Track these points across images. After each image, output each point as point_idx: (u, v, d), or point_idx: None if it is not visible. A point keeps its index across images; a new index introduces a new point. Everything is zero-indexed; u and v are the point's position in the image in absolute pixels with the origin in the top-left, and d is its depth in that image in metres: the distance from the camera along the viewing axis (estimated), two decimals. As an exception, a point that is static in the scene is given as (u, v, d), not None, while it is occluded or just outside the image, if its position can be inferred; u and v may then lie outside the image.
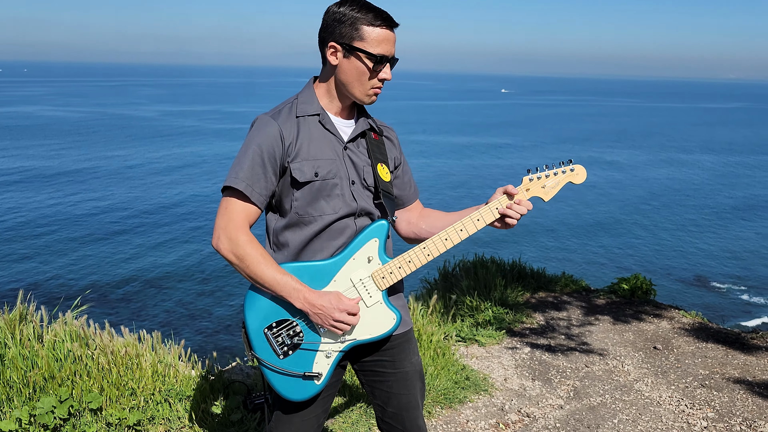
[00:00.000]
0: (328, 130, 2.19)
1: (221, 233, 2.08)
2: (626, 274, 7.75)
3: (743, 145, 61.71)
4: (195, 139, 53.99)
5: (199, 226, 25.68)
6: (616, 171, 44.16)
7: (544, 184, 2.28)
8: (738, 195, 37.06)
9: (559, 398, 4.59)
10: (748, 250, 25.83)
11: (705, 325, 6.21)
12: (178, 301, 17.78)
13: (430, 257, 2.24)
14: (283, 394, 2.17)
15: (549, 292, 7.06)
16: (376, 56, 2.09)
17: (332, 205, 2.16)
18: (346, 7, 2.09)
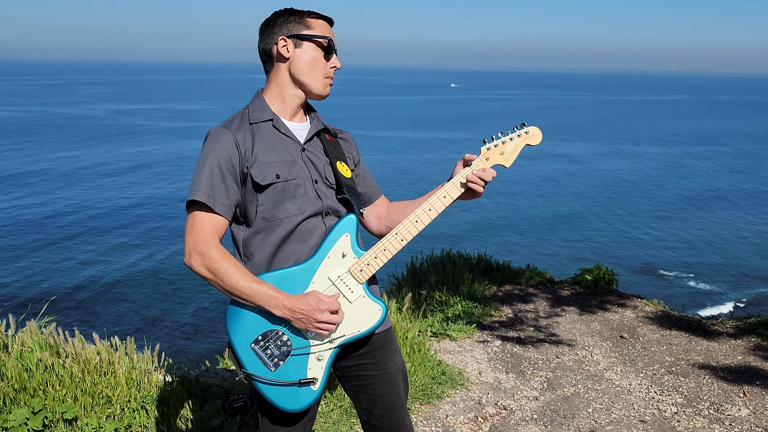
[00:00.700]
0: (283, 134, 2.21)
1: (191, 250, 2.05)
2: (588, 264, 7.91)
3: (688, 135, 63.55)
4: (146, 139, 52.84)
5: (155, 227, 25.19)
6: (570, 163, 44.99)
7: (503, 151, 2.28)
8: (688, 185, 38.16)
9: (534, 390, 4.66)
10: (700, 238, 26.64)
11: (667, 313, 6.39)
12: (142, 305, 17.43)
13: (404, 242, 2.21)
14: (281, 407, 2.12)
15: (515, 284, 7.16)
16: (326, 37, 2.19)
17: (297, 204, 2.15)
18: (285, 12, 2.21)
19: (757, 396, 4.55)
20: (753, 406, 4.39)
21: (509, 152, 2.28)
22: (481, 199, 18.76)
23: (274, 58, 2.21)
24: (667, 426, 4.13)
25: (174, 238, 23.49)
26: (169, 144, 49.96)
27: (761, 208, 32.36)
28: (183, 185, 33.32)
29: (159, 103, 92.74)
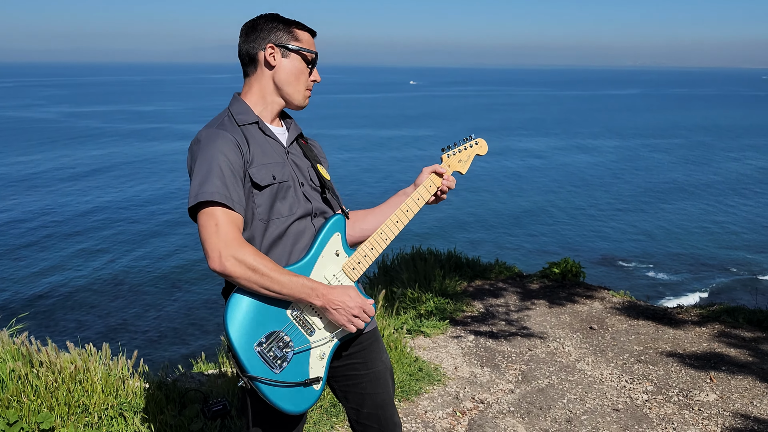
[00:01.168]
0: (269, 136, 2.23)
1: (223, 252, 1.97)
2: (555, 258, 8.04)
3: (645, 128, 64.90)
4: (104, 142, 51.82)
5: (117, 232, 24.73)
6: (533, 158, 45.57)
7: (459, 159, 2.50)
8: (646, 177, 38.99)
9: (509, 383, 4.73)
10: (659, 229, 27.26)
11: (634, 303, 6.54)
12: (108, 312, 17.13)
13: (388, 241, 2.33)
14: (286, 409, 2.08)
15: (485, 279, 7.25)
16: (313, 52, 2.24)
17: (288, 206, 2.17)
18: (271, 17, 2.23)
19: (724, 381, 4.69)
20: (720, 391, 4.53)
21: (464, 160, 2.51)
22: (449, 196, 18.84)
23: (259, 63, 2.21)
24: (640, 413, 4.24)
25: (136, 242, 23.10)
26: (128, 147, 49.11)
27: (715, 198, 33.27)
28: (144, 188, 32.76)
29: (115, 104, 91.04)
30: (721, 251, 24.17)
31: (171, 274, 20.15)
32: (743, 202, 32.65)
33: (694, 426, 4.07)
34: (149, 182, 34.46)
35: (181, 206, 28.45)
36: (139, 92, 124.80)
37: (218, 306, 17.72)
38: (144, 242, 23.21)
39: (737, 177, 39.36)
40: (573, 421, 4.13)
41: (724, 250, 24.26)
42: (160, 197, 31.04)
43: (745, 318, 5.79)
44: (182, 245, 22.69)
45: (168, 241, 23.46)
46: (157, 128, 60.32)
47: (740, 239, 25.82)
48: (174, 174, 36.96)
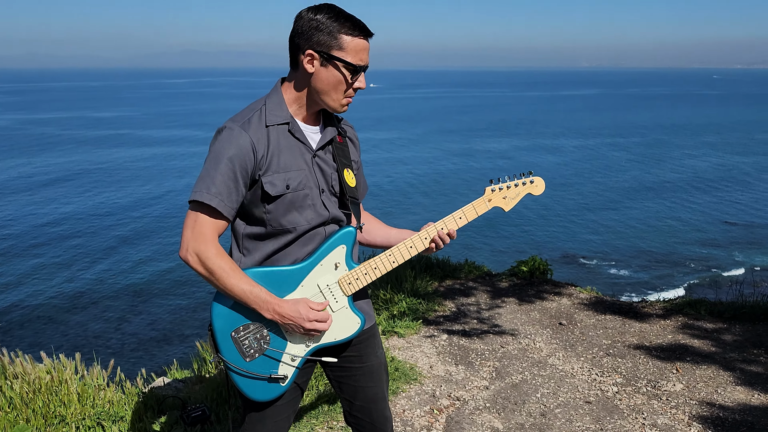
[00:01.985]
0: (297, 139, 2.19)
1: (190, 246, 2.07)
2: (523, 257, 8.18)
3: (604, 128, 66.12)
4: (61, 150, 50.73)
5: (77, 244, 24.23)
6: (499, 158, 46.06)
7: (506, 195, 2.40)
8: (607, 176, 39.73)
9: (483, 380, 4.82)
10: (621, 225, 27.81)
11: (600, 298, 6.71)
12: (77, 324, 16.83)
13: (395, 264, 2.33)
14: (248, 395, 2.21)
15: (455, 279, 7.35)
16: (354, 66, 2.10)
17: (305, 216, 2.18)
18: (323, 15, 2.08)
19: (689, 371, 4.85)
20: (686, 381, 4.69)
21: (511, 198, 2.40)
22: (416, 197, 18.93)
23: (299, 65, 2.14)
24: (611, 405, 4.36)
25: (101, 253, 22.65)
26: (87, 154, 48.15)
27: (673, 195, 34.08)
28: (107, 198, 32.10)
29: (71, 111, 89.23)
30: (680, 247, 24.78)
31: (137, 286, 19.88)
32: (700, 198, 33.52)
33: (663, 415, 4.20)
34: (112, 191, 33.80)
35: (147, 215, 28.04)
36: (94, 98, 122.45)
37: (186, 316, 17.56)
38: (109, 253, 22.82)
39: (694, 174, 40.37)
40: (547, 415, 4.23)
41: (683, 246, 24.88)
42: (125, 206, 30.47)
43: (706, 310, 5.99)
44: (148, 256, 22.35)
45: (134, 252, 23.10)
46: (117, 134, 59.25)
47: (698, 235, 26.50)
48: (138, 182, 36.33)
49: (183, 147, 51.10)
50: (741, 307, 5.91)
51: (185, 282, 19.92)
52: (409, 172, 39.86)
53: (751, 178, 39.10)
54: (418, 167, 42.32)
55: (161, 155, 47.18)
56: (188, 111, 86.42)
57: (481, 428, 4.06)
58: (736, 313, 5.89)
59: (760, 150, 50.66)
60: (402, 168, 42.24)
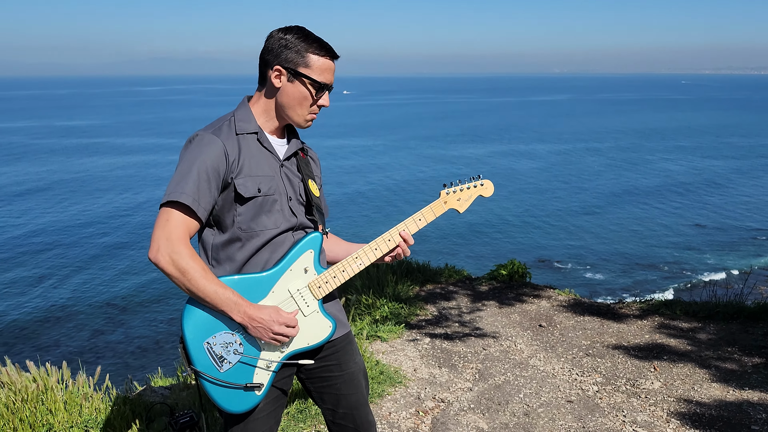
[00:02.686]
0: (265, 148, 2.27)
1: (161, 245, 2.06)
2: (502, 260, 8.29)
3: (577, 133, 66.90)
4: (31, 159, 49.91)
5: (59, 254, 23.83)
6: (477, 163, 46.37)
7: (459, 197, 2.51)
8: (582, 181, 40.20)
9: (467, 381, 4.89)
10: (598, 229, 28.16)
11: (579, 300, 6.83)
12: (61, 332, 16.61)
13: (362, 266, 2.39)
14: (223, 407, 2.19)
15: (436, 283, 7.43)
16: (320, 83, 2.21)
17: (273, 219, 2.24)
18: (292, 35, 2.19)
19: (666, 370, 4.98)
20: (663, 379, 4.81)
21: (465, 199, 2.52)
22: (393, 203, 18.99)
23: (267, 80, 2.24)
24: (592, 403, 4.46)
25: (79, 265, 22.29)
26: (60, 164, 47.40)
27: (647, 198, 34.60)
28: (81, 208, 31.58)
29: (39, 120, 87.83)
30: (653, 250, 25.17)
31: (118, 295, 19.68)
32: (673, 201, 34.08)
33: (642, 412, 4.31)
34: (87, 202, 33.25)
35: (125, 225, 27.70)
36: (64, 106, 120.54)
37: (166, 324, 17.43)
38: (89, 264, 22.48)
39: (667, 177, 41.03)
40: (530, 414, 4.31)
41: (656, 249, 25.27)
42: (103, 216, 29.98)
43: (681, 310, 6.14)
44: (128, 266, 22.08)
45: (114, 262, 22.82)
46: (90, 143, 58.47)
47: (672, 238, 26.94)
48: (115, 191, 35.81)
49: (158, 155, 50.62)
50: (715, 307, 6.07)
51: (165, 291, 19.77)
52: (376, 182, 39.97)
53: (722, 179, 39.88)
54: (392, 174, 42.44)
55: (136, 164, 46.68)
56: (160, 119, 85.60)
57: (466, 429, 4.13)
58: (710, 312, 6.05)
59: (730, 153, 51.69)
60: (377, 175, 42.37)
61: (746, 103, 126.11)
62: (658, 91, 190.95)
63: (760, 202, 33.42)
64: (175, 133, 65.04)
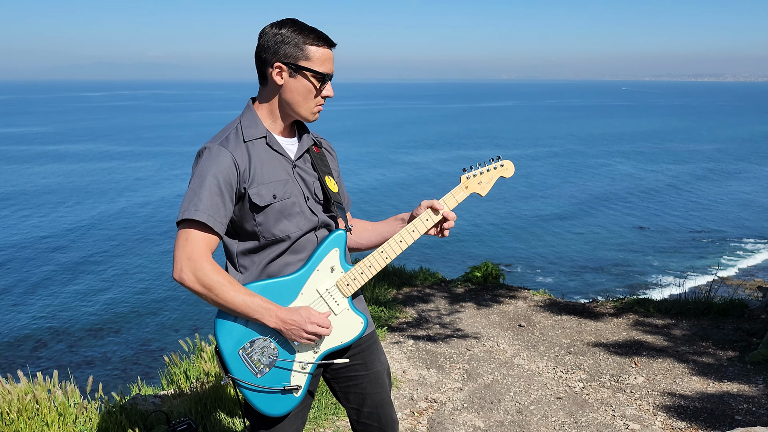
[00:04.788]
0: (276, 151, 2.25)
1: (184, 265, 2.06)
2: (476, 262, 8.40)
3: (523, 139, 68.12)
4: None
5: (23, 269, 22.92)
6: (420, 169, 46.69)
7: (480, 181, 2.48)
8: (526, 186, 40.94)
9: (456, 381, 4.96)
10: (549, 234, 28.73)
11: (554, 300, 6.99)
12: (44, 345, 16.06)
13: (388, 260, 2.37)
14: (265, 411, 2.20)
15: (412, 287, 7.48)
16: (322, 74, 2.18)
17: (295, 222, 2.23)
18: (287, 29, 2.15)
19: (647, 365, 5.14)
20: (645, 374, 4.97)
21: (486, 182, 2.48)
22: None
23: (268, 79, 2.21)
24: (580, 399, 4.58)
25: (42, 285, 21.41)
26: (0, 174, 45.50)
27: (596, 204, 35.46)
28: (36, 222, 30.27)
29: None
30: (599, 253, 25.78)
31: (99, 307, 19.12)
32: (617, 206, 35.02)
33: (630, 406, 4.44)
34: (42, 215, 31.86)
35: (82, 240, 26.81)
36: (7, 113, 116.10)
37: (154, 334, 17.10)
38: (45, 284, 21.66)
39: (611, 182, 42.14)
40: (523, 411, 4.40)
41: (602, 252, 25.89)
42: (64, 229, 28.78)
43: (654, 308, 6.35)
44: (91, 288, 21.37)
45: (84, 276, 22.10)
46: (31, 151, 56.59)
47: (617, 241, 27.66)
48: (67, 205, 34.50)
49: (111, 162, 49.32)
50: (686, 304, 6.30)
51: (139, 304, 19.36)
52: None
53: (663, 185, 41.18)
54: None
55: (82, 171, 45.36)
56: (97, 124, 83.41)
57: (463, 428, 4.18)
58: (681, 309, 6.27)
59: (670, 159, 53.44)
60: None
61: (685, 109, 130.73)
62: (600, 98, 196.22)
63: (700, 206, 34.67)
64: (119, 139, 63.59)
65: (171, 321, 17.86)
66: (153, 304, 19.28)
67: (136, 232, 28.00)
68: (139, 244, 25.91)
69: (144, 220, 30.12)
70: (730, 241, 27.24)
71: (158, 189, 38.04)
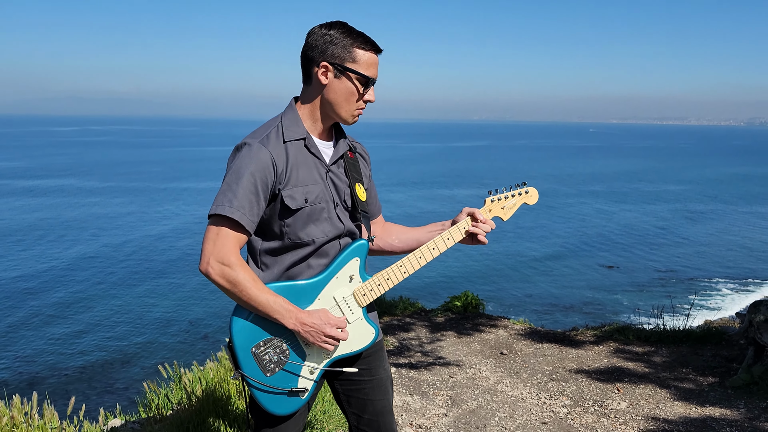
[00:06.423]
0: (312, 154, 2.25)
1: (211, 258, 2.08)
2: (456, 292, 8.41)
3: (496, 177, 68.93)
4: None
5: None
6: (395, 207, 46.89)
7: (504, 205, 2.51)
8: (504, 224, 41.23)
9: (440, 407, 4.91)
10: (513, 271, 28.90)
11: (534, 329, 7.01)
12: (29, 366, 15.65)
13: (406, 274, 2.38)
14: (269, 409, 2.22)
15: (392, 316, 7.45)
16: (366, 77, 2.19)
17: (322, 228, 2.24)
18: (336, 30, 2.18)
19: (629, 391, 5.16)
20: (629, 399, 4.98)
21: (509, 207, 2.52)
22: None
23: (312, 78, 2.21)
24: (565, 425, 4.56)
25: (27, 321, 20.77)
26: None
27: (558, 241, 35.85)
28: (9, 264, 29.27)
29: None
30: (567, 290, 25.98)
31: (70, 327, 18.68)
32: (587, 246, 35.42)
33: (615, 431, 4.44)
34: (12, 258, 30.87)
35: (54, 269, 26.18)
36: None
37: (129, 356, 16.80)
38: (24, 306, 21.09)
39: (581, 221, 42.70)
40: (510, 436, 4.37)
41: (569, 290, 26.09)
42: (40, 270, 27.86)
43: (634, 335, 6.40)
44: (72, 313, 20.81)
45: (51, 305, 21.56)
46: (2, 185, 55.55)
47: (584, 279, 27.92)
48: (48, 241, 33.64)
49: (78, 198, 48.62)
50: (664, 332, 6.36)
51: (130, 327, 18.99)
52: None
53: (632, 224, 41.83)
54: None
55: (54, 206, 44.61)
56: (71, 159, 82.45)
57: (449, 452, 4.14)
58: (660, 337, 6.33)
59: (639, 198, 54.42)
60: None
61: (652, 151, 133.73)
62: (568, 139, 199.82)
63: (669, 245, 35.25)
64: (92, 174, 62.91)
65: (152, 347, 17.55)
66: (134, 329, 18.94)
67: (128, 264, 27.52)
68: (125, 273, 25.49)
69: (128, 257, 29.54)
70: (699, 280, 27.67)
71: (142, 227, 37.45)
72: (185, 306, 21.17)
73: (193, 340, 18.11)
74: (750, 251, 32.44)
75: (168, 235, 32.90)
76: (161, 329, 18.92)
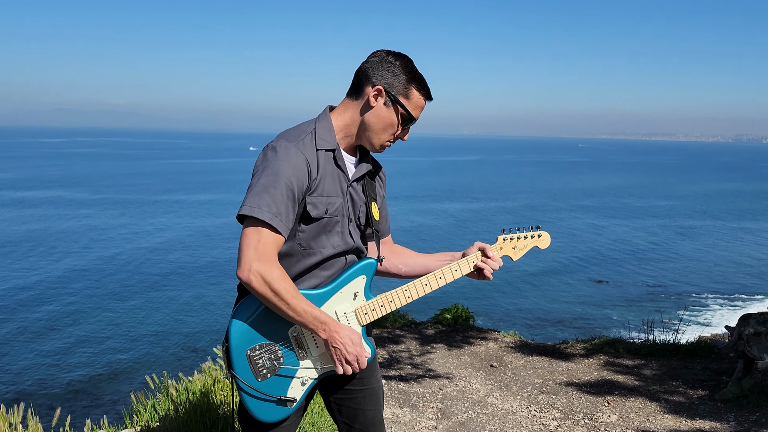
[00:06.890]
0: (339, 167, 2.25)
1: (254, 266, 2.04)
2: (446, 304, 8.38)
3: (487, 192, 69.16)
4: None
5: None
6: (395, 222, 46.81)
7: (515, 245, 2.53)
8: (487, 236, 41.32)
9: (430, 420, 4.89)
10: (505, 285, 28.92)
11: (525, 342, 6.99)
12: (15, 375, 15.45)
13: (410, 299, 2.37)
14: (255, 415, 2.20)
15: (382, 328, 7.42)
16: (411, 117, 2.24)
17: (332, 241, 2.24)
18: (401, 62, 2.22)
19: (619, 403, 5.15)
20: (619, 412, 4.97)
21: (520, 248, 2.52)
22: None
23: (362, 94, 2.24)
24: (556, 437, 4.55)
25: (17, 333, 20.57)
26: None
27: (548, 255, 35.91)
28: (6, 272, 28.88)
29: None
30: (557, 305, 26.01)
31: (53, 352, 18.47)
32: (576, 260, 35.52)
33: (605, 444, 4.43)
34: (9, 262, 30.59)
35: (45, 281, 25.95)
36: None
37: (115, 369, 16.66)
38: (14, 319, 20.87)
39: (572, 235, 42.84)
40: (500, 449, 4.34)
41: (560, 304, 26.13)
42: (34, 281, 27.60)
43: (624, 348, 6.40)
44: (60, 323, 20.63)
45: (41, 317, 21.36)
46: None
47: (572, 293, 27.97)
48: (38, 253, 33.36)
49: (69, 209, 48.27)
50: (654, 345, 6.36)
51: (118, 339, 18.82)
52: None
53: (622, 239, 42.01)
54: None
55: (44, 217, 44.28)
56: (57, 171, 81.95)
57: (439, 465, 4.11)
58: (650, 350, 6.33)
59: (628, 214, 54.69)
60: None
61: (641, 166, 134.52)
62: (557, 154, 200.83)
63: (659, 260, 35.40)
64: (81, 185, 62.58)
65: (143, 360, 17.41)
66: (125, 343, 18.79)
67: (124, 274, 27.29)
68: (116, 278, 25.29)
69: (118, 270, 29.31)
70: (688, 295, 27.77)
71: (133, 239, 37.21)
72: (176, 319, 21.04)
73: (184, 354, 17.99)
74: (739, 266, 32.59)
75: (160, 247, 32.72)
76: (152, 343, 18.78)
